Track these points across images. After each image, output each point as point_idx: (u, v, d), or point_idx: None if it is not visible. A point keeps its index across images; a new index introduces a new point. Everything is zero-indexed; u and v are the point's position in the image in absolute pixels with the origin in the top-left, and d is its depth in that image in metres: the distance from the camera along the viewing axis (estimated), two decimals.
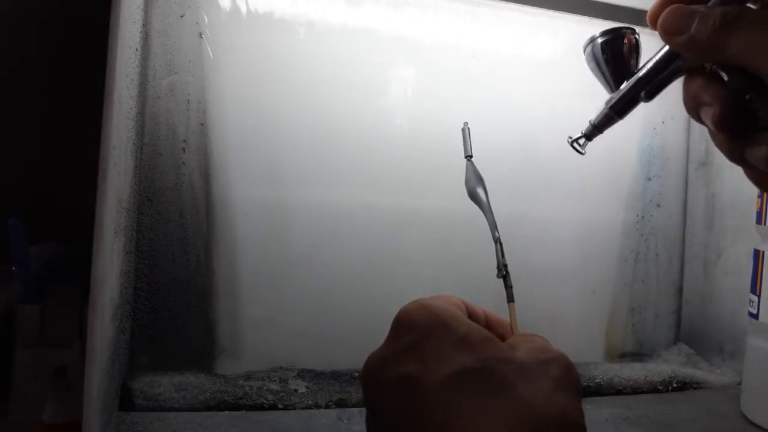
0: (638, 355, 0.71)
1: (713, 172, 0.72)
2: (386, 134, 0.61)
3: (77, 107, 0.54)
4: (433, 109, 0.62)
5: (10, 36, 0.62)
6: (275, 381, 0.55)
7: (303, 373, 0.57)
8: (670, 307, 0.74)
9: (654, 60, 0.36)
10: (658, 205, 0.73)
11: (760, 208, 0.57)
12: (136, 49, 0.48)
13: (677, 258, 0.74)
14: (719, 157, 0.71)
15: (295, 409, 0.53)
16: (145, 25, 0.53)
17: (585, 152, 0.40)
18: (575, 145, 0.40)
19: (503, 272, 0.40)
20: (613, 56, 0.38)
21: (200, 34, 0.56)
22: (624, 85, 0.38)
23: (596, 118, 0.39)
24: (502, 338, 0.34)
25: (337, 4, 0.59)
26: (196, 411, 0.50)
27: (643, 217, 0.72)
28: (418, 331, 0.31)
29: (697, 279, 0.74)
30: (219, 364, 0.56)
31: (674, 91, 0.54)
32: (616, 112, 0.38)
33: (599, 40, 0.38)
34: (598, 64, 0.39)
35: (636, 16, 0.72)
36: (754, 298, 0.56)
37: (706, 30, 0.29)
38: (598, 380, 0.61)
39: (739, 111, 0.30)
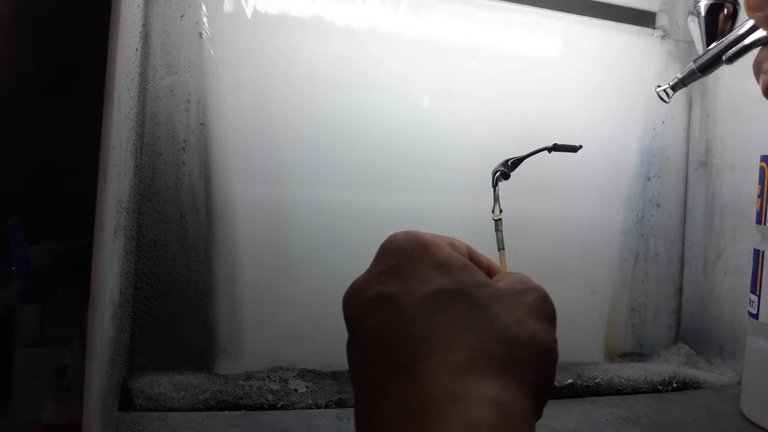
0: (638, 355, 0.71)
1: (713, 172, 0.72)
2: (386, 134, 0.61)
3: (77, 107, 0.54)
4: (433, 109, 0.62)
5: (10, 36, 0.62)
6: (275, 381, 0.55)
7: (303, 373, 0.57)
8: (670, 307, 0.74)
9: (740, 29, 0.41)
10: (658, 205, 0.73)
11: (760, 208, 0.57)
12: (136, 49, 0.48)
13: (677, 258, 0.74)
14: (719, 157, 0.71)
15: (294, 409, 0.53)
16: (145, 25, 0.53)
17: (669, 101, 0.47)
18: (661, 93, 0.47)
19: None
20: (711, 19, 0.45)
21: (200, 34, 0.56)
22: (712, 46, 0.44)
23: (683, 72, 0.45)
24: None
25: (337, 3, 0.59)
26: (196, 411, 0.50)
27: (642, 217, 0.72)
28: (401, 254, 0.32)
29: (696, 279, 0.74)
30: (219, 364, 0.56)
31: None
32: (699, 69, 0.44)
33: (703, 3, 0.45)
34: (698, 23, 0.45)
35: (636, 16, 0.72)
36: (754, 298, 0.56)
37: None
38: (597, 380, 0.61)
39: None
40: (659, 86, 0.47)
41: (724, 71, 0.71)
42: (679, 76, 0.46)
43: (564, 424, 0.53)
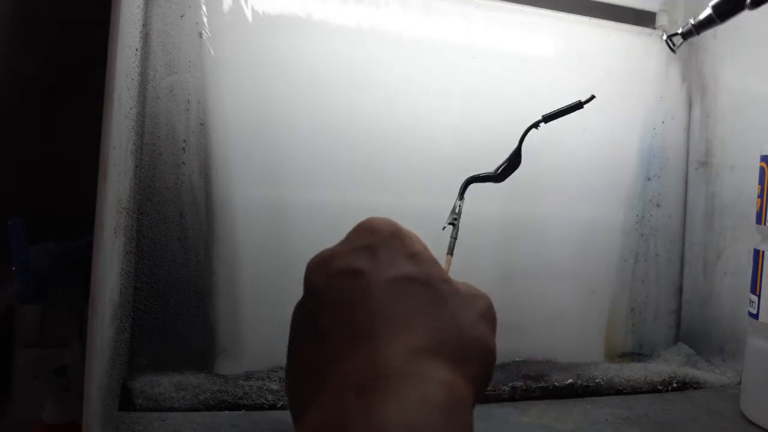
0: (638, 355, 0.71)
1: (713, 172, 0.72)
2: (387, 134, 0.61)
3: (77, 107, 0.54)
4: (433, 109, 0.62)
5: (10, 36, 0.62)
6: (275, 381, 0.55)
7: None
8: (670, 307, 0.74)
9: None
10: (658, 205, 0.73)
11: (760, 208, 0.57)
12: (136, 49, 0.48)
13: (677, 258, 0.74)
14: (719, 157, 0.71)
15: None
16: (145, 25, 0.53)
17: (676, 52, 0.43)
18: (669, 41, 0.44)
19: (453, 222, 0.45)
20: None
21: (200, 34, 0.56)
22: None
23: (698, 18, 0.41)
24: None
25: (338, 3, 0.59)
26: (196, 411, 0.50)
27: (642, 217, 0.72)
28: (377, 236, 0.34)
29: (696, 279, 0.74)
30: (219, 364, 0.56)
31: (674, 90, 0.54)
32: (717, 14, 0.40)
33: None
34: None
35: (636, 16, 0.72)
36: (754, 298, 0.56)
37: None
38: (597, 380, 0.61)
39: None
40: (666, 33, 0.43)
41: (724, 71, 0.72)
42: (693, 21, 0.42)
43: (564, 424, 0.53)
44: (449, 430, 0.26)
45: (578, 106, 0.46)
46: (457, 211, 0.46)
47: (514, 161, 0.48)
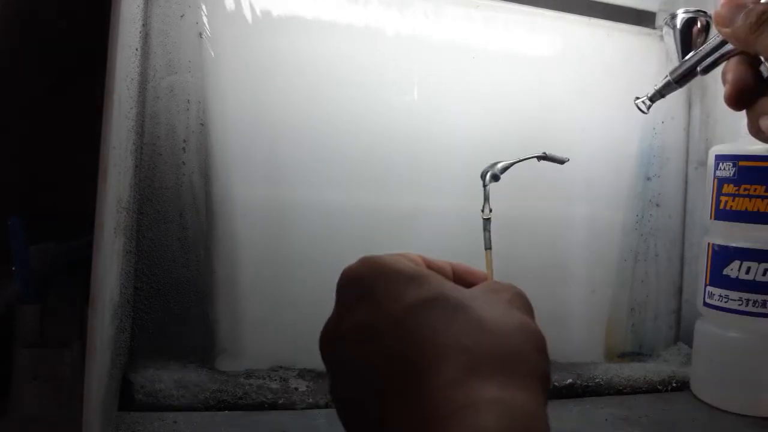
0: (638, 354, 0.71)
1: None
2: (387, 134, 0.61)
3: (77, 107, 0.54)
4: (433, 109, 0.62)
5: (10, 36, 0.61)
6: (275, 380, 0.55)
7: (303, 373, 0.57)
8: (670, 307, 0.74)
9: (712, 42, 0.43)
10: (658, 205, 0.73)
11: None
12: (136, 49, 0.48)
13: (677, 258, 0.74)
14: None
15: (294, 408, 0.53)
16: (145, 25, 0.53)
17: (648, 112, 0.49)
18: (640, 104, 0.48)
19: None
20: (686, 32, 0.46)
21: (200, 34, 0.56)
22: (687, 57, 0.45)
23: (660, 84, 0.47)
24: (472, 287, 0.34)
25: (338, 2, 0.59)
26: (196, 411, 0.50)
27: (642, 217, 0.72)
28: (365, 281, 0.31)
29: (696, 279, 0.73)
30: (219, 364, 0.56)
31: (675, 91, 0.54)
32: (675, 80, 0.46)
33: (679, 17, 0.47)
34: (673, 36, 0.47)
35: (636, 16, 0.72)
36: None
37: (744, 26, 0.36)
38: (597, 380, 0.61)
39: (747, 91, 0.38)
40: (638, 98, 0.48)
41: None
42: (657, 87, 0.47)
43: (564, 424, 0.53)
44: None
45: (544, 158, 0.48)
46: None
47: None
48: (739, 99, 0.38)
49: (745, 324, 0.59)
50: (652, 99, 0.48)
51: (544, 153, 0.47)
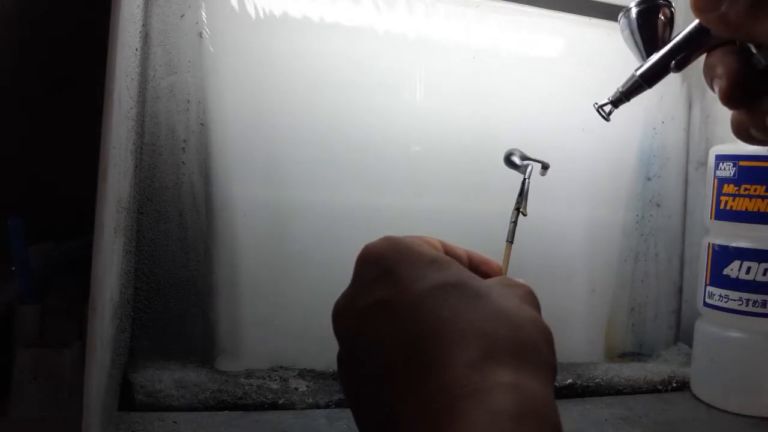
0: (638, 355, 0.71)
1: None
2: (387, 134, 0.61)
3: (77, 107, 0.54)
4: (433, 109, 0.62)
5: (10, 36, 0.62)
6: (276, 380, 0.55)
7: (303, 373, 0.57)
8: (670, 307, 0.74)
9: (686, 32, 0.36)
10: (658, 205, 0.73)
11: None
12: (136, 49, 0.48)
13: (677, 258, 0.74)
14: None
15: (295, 408, 0.53)
16: (145, 25, 0.53)
17: (610, 119, 0.42)
18: (601, 111, 0.42)
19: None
20: (647, 26, 0.39)
21: (200, 34, 0.56)
22: (655, 55, 0.38)
23: (624, 85, 0.40)
24: (487, 277, 0.34)
25: (339, 3, 0.59)
26: (196, 410, 0.50)
27: (642, 217, 0.72)
28: (386, 260, 0.31)
29: (696, 279, 0.73)
30: (219, 364, 0.56)
31: (674, 90, 0.54)
32: (645, 80, 0.39)
33: (634, 10, 0.39)
34: (632, 32, 0.40)
35: None
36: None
37: (737, 9, 0.30)
38: (597, 380, 0.61)
39: (746, 85, 0.32)
40: (597, 103, 0.42)
41: None
42: (621, 89, 0.40)
43: (564, 424, 0.53)
44: None
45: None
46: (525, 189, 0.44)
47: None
48: (737, 94, 0.33)
49: (745, 324, 0.59)
50: (616, 104, 0.41)
51: (540, 161, 0.45)
